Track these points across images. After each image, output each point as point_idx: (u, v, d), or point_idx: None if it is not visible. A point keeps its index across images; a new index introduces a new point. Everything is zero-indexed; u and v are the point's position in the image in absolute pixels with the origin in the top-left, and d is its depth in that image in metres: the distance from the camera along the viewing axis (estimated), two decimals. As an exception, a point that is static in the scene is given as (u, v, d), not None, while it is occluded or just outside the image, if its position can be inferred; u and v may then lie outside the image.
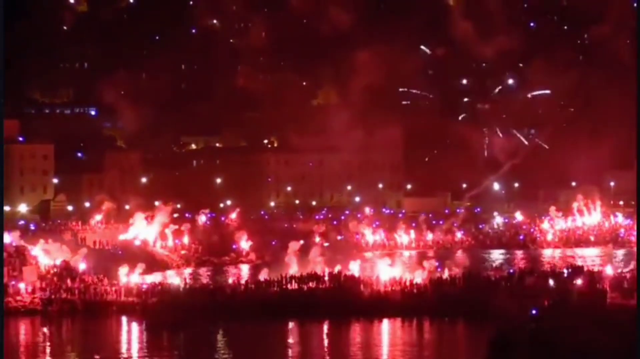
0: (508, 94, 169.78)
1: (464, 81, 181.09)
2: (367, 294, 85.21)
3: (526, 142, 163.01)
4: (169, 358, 69.59)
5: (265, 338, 75.78)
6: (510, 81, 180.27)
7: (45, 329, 79.64)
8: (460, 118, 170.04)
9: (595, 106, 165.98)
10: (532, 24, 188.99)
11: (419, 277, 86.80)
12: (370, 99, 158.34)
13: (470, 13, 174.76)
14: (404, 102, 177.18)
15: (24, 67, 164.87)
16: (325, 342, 75.13)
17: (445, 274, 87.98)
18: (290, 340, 75.81)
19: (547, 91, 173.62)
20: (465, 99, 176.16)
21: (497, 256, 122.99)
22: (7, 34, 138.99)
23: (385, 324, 79.87)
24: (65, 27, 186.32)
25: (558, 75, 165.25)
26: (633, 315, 68.22)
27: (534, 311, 71.86)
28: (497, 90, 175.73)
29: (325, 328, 78.80)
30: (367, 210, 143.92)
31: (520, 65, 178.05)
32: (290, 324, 79.82)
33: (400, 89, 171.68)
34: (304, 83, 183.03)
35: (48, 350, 71.74)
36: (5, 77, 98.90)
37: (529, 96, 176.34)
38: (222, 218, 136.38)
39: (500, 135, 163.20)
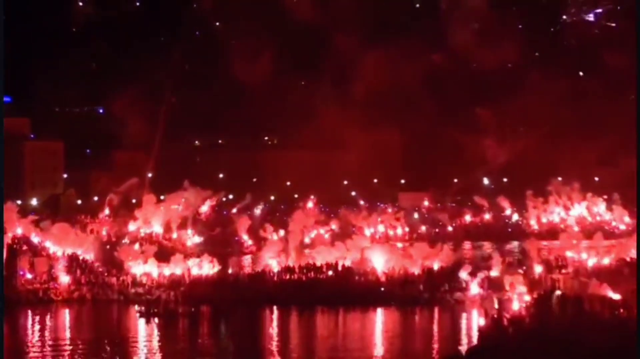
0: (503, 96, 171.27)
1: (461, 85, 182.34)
2: (363, 283, 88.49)
3: (516, 141, 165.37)
4: (176, 347, 70.59)
5: (264, 326, 78.98)
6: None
7: (52, 319, 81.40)
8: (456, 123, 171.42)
9: (583, 106, 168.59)
10: (520, 26, 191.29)
11: (415, 268, 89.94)
12: (370, 99, 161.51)
13: (466, 19, 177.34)
14: (402, 103, 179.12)
15: (35, 67, 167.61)
16: (320, 329, 77.87)
17: (436, 265, 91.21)
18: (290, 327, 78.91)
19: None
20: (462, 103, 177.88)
21: (486, 247, 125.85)
22: (17, 34, 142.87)
23: (380, 313, 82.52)
24: (74, 28, 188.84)
25: (549, 78, 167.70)
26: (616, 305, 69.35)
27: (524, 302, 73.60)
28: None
29: (322, 316, 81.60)
30: (362, 203, 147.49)
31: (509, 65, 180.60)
32: (290, 313, 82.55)
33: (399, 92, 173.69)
34: (303, 82, 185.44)
35: (55, 343, 72.03)
36: (17, 77, 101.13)
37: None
38: (225, 212, 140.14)
39: (493, 135, 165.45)
